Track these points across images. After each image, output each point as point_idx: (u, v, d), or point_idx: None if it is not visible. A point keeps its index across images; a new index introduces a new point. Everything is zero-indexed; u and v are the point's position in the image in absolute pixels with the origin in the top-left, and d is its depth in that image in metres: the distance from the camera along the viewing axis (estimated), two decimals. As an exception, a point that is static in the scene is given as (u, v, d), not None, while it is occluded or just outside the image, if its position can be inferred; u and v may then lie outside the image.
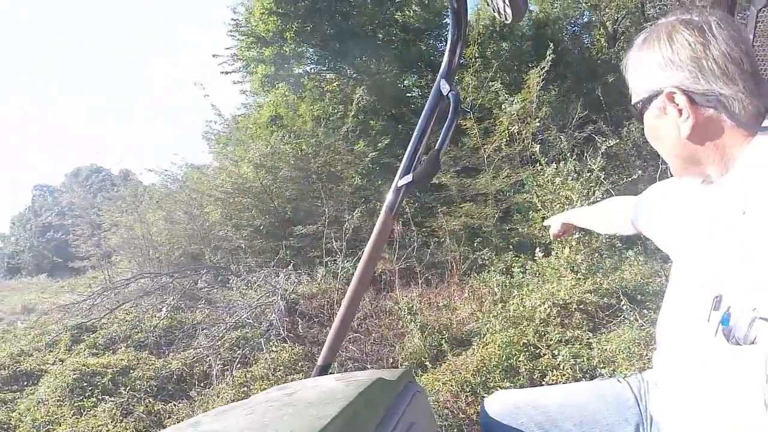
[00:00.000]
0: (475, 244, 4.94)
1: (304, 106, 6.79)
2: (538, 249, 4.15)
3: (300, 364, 3.59)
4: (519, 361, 2.99)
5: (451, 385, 2.84)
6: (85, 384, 3.51)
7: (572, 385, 1.26)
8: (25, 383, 3.90)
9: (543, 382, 2.82)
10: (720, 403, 0.77)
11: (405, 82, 7.49)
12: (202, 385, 3.53)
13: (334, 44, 7.21)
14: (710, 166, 0.83)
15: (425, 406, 1.02)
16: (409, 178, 1.03)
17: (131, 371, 3.70)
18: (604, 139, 4.89)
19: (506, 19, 1.05)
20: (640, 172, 4.87)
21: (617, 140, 5.20)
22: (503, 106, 5.38)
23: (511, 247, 4.94)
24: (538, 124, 5.37)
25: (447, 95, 1.01)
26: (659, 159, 4.85)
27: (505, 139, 5.31)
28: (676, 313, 0.95)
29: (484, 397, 2.69)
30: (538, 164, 4.74)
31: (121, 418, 3.11)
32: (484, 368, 2.98)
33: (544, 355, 3.05)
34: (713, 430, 0.81)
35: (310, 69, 7.87)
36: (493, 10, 1.06)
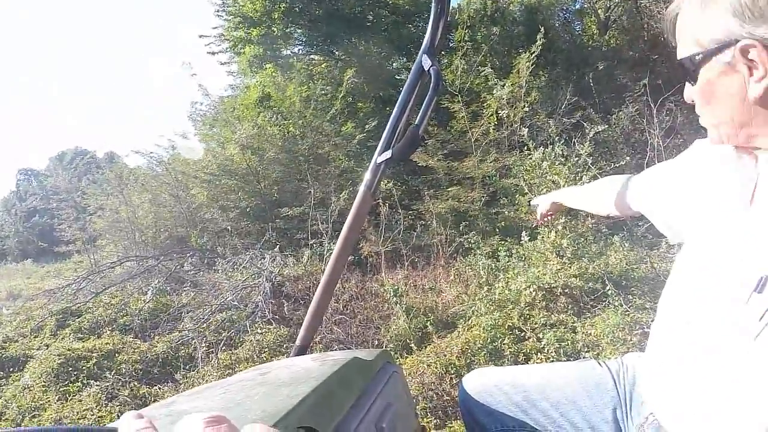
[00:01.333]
0: (461, 228, 4.93)
1: (292, 88, 6.72)
2: (524, 233, 4.15)
3: (285, 345, 3.59)
4: (504, 344, 3.00)
5: (436, 367, 2.85)
6: (71, 369, 3.49)
7: (552, 365, 1.23)
8: (11, 369, 3.89)
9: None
10: (740, 395, 0.71)
11: (394, 64, 7.44)
12: (187, 368, 3.52)
13: (322, 25, 7.13)
14: (764, 137, 0.75)
15: (402, 387, 1.02)
16: (388, 154, 1.00)
17: (117, 355, 3.68)
18: (592, 125, 4.90)
19: None
20: (627, 158, 4.87)
21: (606, 126, 5.20)
22: (493, 90, 5.35)
23: (497, 230, 4.94)
24: (526, 109, 5.35)
25: (428, 70, 0.98)
26: (647, 146, 4.86)
27: (493, 124, 5.30)
28: (693, 294, 0.85)
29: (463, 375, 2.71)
30: (525, 148, 4.73)
31: (106, 402, 3.10)
32: (469, 350, 2.98)
33: (529, 338, 3.06)
34: (723, 422, 0.75)
35: (298, 50, 7.78)
36: None
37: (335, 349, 3.40)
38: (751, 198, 0.76)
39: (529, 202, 4.59)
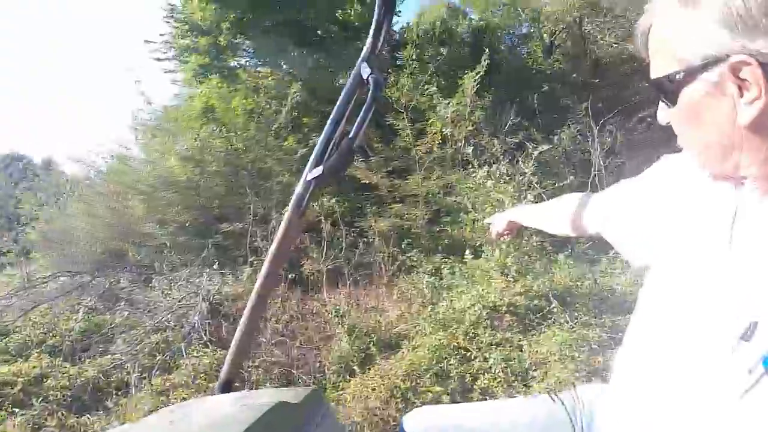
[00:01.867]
0: (403, 246, 4.91)
1: (237, 99, 6.58)
2: (468, 251, 4.15)
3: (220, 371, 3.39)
4: (450, 365, 2.95)
5: (380, 391, 2.77)
6: None
7: (500, 402, 1.17)
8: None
9: (474, 386, 2.79)
10: None
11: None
12: (119, 394, 3.30)
13: (271, 37, 7.02)
14: (752, 166, 0.65)
15: (336, 429, 0.93)
16: (319, 170, 0.91)
17: (44, 380, 3.39)
18: (535, 145, 5.01)
19: None
20: (571, 177, 4.99)
21: (550, 146, 5.31)
22: (437, 109, 5.40)
23: (440, 248, 4.94)
24: (470, 128, 5.42)
25: (367, 79, 0.90)
26: (591, 166, 4.99)
27: (437, 142, 5.33)
28: (670, 333, 0.75)
29: (414, 403, 2.64)
30: (470, 166, 4.77)
31: (32, 434, 2.86)
32: (414, 372, 2.91)
33: (475, 358, 3.01)
34: None
35: (245, 62, 7.66)
36: None
37: (276, 374, 3.28)
38: (730, 235, 0.68)
39: (473, 219, 4.66)
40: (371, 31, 0.94)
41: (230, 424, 0.64)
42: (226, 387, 0.98)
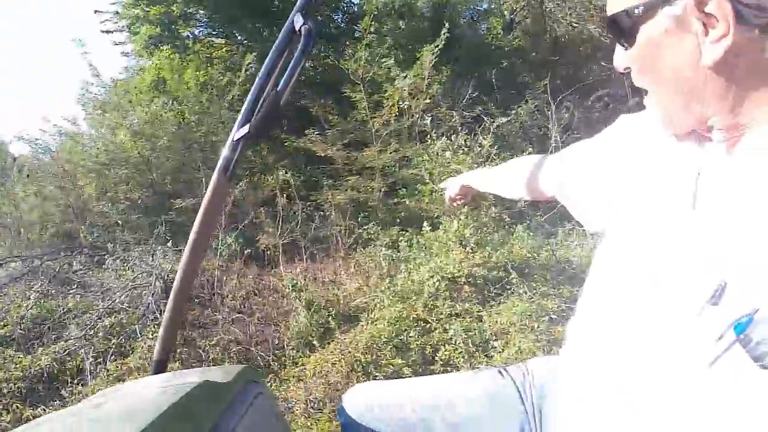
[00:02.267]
0: (359, 219, 4.88)
1: (190, 71, 6.37)
2: (425, 223, 4.14)
3: (179, 351, 3.26)
4: (410, 337, 2.94)
5: (341, 366, 2.74)
6: None
7: (447, 377, 1.10)
8: None
9: (436, 358, 2.78)
10: (678, 424, 0.58)
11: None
12: (75, 382, 3.16)
13: (225, 7, 6.81)
14: (718, 114, 0.60)
15: (269, 411, 0.88)
16: (245, 129, 0.85)
17: None
18: (492, 119, 5.04)
19: None
20: (530, 149, 5.03)
21: (507, 120, 5.34)
22: (395, 82, 5.35)
23: (397, 221, 4.93)
24: (428, 101, 5.39)
25: (299, 30, 0.82)
26: (548, 141, 5.07)
27: (394, 115, 5.28)
28: (627, 298, 0.70)
29: (376, 377, 2.63)
30: (428, 138, 4.76)
31: (-15, 430, 2.73)
32: (374, 345, 2.89)
33: (435, 329, 3.01)
34: None
35: (198, 32, 7.41)
36: None
37: (234, 352, 3.20)
38: (693, 194, 0.64)
39: (431, 191, 4.65)
40: None
41: (149, 406, 0.61)
42: (160, 367, 0.93)
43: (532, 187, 1.14)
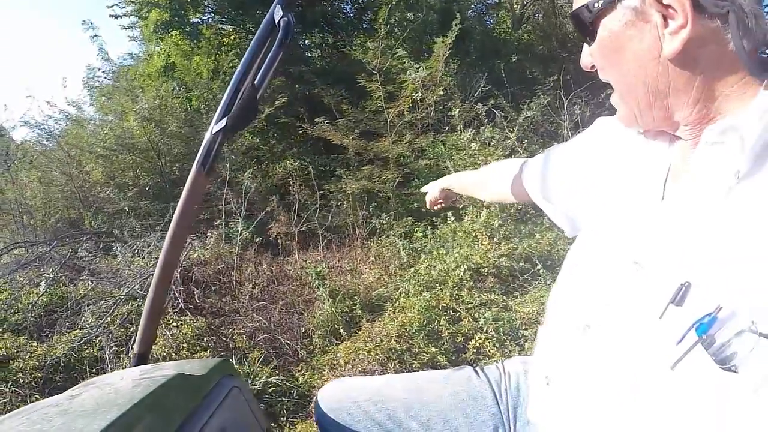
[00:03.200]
0: (371, 209, 4.87)
1: (199, 58, 6.32)
2: (450, 213, 4.15)
3: (205, 339, 3.22)
4: (440, 326, 2.93)
5: (377, 354, 2.72)
6: None
7: (420, 374, 1.08)
8: None
9: (468, 346, 2.79)
10: (644, 425, 0.58)
11: (306, 41, 7.21)
12: (94, 371, 3.09)
13: (235, -6, 6.75)
14: (683, 109, 0.60)
15: (245, 405, 0.88)
16: (223, 122, 0.84)
17: (11, 362, 3.11)
18: (503, 114, 5.04)
19: None
20: (539, 145, 5.03)
21: (533, 113, 5.32)
22: (408, 73, 5.34)
23: (410, 212, 4.93)
24: (441, 92, 5.38)
25: (278, 22, 0.81)
26: (558, 137, 5.07)
27: (407, 106, 5.27)
28: (594, 298, 0.70)
29: (411, 364, 2.63)
30: (457, 129, 4.76)
31: (4, 421, 2.64)
32: (406, 334, 2.88)
33: (465, 318, 3.00)
34: None
35: (208, 18, 7.33)
36: None
37: (260, 340, 3.18)
38: (662, 190, 0.65)
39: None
40: None
41: (121, 399, 0.62)
42: (141, 359, 0.94)
43: (514, 190, 1.15)
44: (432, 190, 1.53)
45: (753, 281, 0.49)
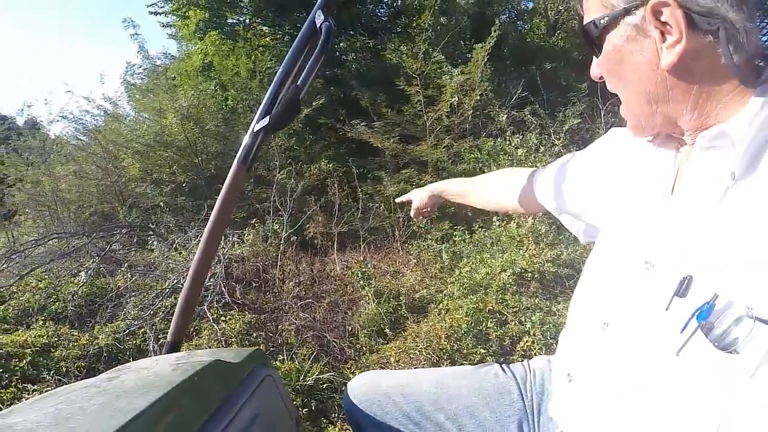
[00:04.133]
0: (407, 211, 4.87)
1: (236, 58, 6.40)
2: (495, 217, 4.16)
3: (254, 335, 3.24)
4: (488, 328, 2.96)
5: (429, 353, 2.77)
6: (1, 370, 2.90)
7: (449, 370, 1.11)
8: None
9: (515, 349, 2.82)
10: (661, 418, 0.62)
11: (341, 44, 7.26)
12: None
13: (273, -4, 6.83)
14: (684, 116, 0.65)
15: (276, 394, 0.90)
16: (265, 121, 0.88)
17: (53, 350, 3.15)
18: (538, 120, 5.03)
19: None
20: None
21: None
22: (444, 78, 5.35)
23: (447, 216, 4.93)
24: (478, 98, 5.39)
25: (320, 27, 0.85)
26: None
27: (446, 110, 5.29)
28: (608, 296, 0.76)
29: (462, 364, 2.64)
30: (499, 135, 4.76)
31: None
32: (454, 335, 2.92)
33: (511, 321, 3.02)
34: None
35: (246, 19, 7.42)
36: None
37: (307, 336, 3.21)
38: (671, 189, 0.70)
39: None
40: None
41: (160, 381, 0.64)
42: (174, 348, 0.97)
43: (522, 200, 1.17)
44: (419, 197, 1.46)
45: (747, 271, 0.53)
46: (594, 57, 0.74)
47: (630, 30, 0.64)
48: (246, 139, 0.90)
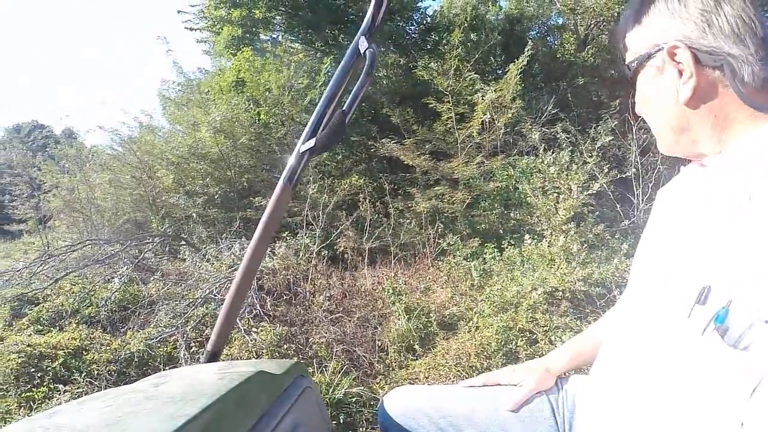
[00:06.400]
0: (437, 228, 4.89)
1: (268, 74, 6.52)
2: (527, 235, 4.15)
3: (285, 346, 3.26)
4: (518, 346, 2.96)
5: (458, 370, 2.78)
6: (33, 370, 2.97)
7: (482, 387, 1.12)
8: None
9: None
10: (686, 417, 0.64)
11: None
12: (168, 368, 3.10)
13: (305, 14, 6.95)
14: (706, 143, 0.73)
15: (316, 404, 0.92)
16: (311, 143, 0.91)
17: (85, 353, 3.22)
18: (568, 136, 5.00)
19: None
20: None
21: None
22: (476, 95, 5.36)
23: (477, 233, 4.93)
24: (510, 115, 5.39)
25: (364, 53, 0.90)
26: (624, 162, 4.98)
27: (477, 128, 5.30)
28: (639, 312, 0.80)
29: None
30: (530, 153, 4.75)
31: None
32: (484, 353, 2.93)
33: (541, 340, 3.01)
34: None
35: (278, 36, 7.56)
36: None
37: (337, 351, 3.23)
38: (696, 207, 0.75)
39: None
40: (371, 5, 0.95)
41: (205, 393, 0.65)
42: (213, 357, 0.99)
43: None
44: (529, 381, 1.08)
45: (759, 280, 0.57)
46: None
47: (654, 71, 0.76)
48: (291, 160, 0.94)
